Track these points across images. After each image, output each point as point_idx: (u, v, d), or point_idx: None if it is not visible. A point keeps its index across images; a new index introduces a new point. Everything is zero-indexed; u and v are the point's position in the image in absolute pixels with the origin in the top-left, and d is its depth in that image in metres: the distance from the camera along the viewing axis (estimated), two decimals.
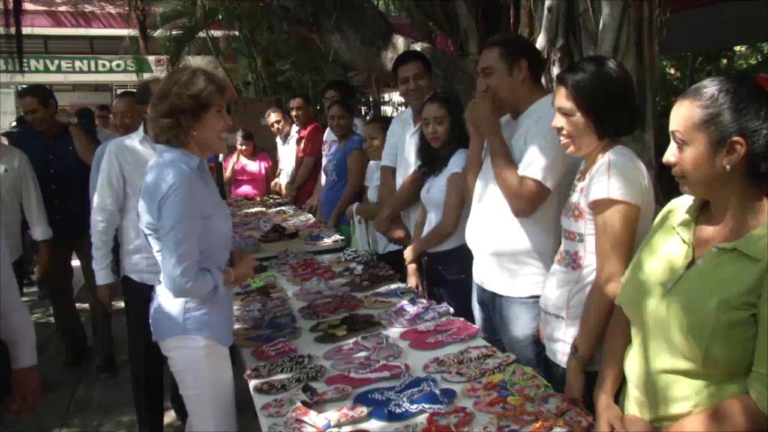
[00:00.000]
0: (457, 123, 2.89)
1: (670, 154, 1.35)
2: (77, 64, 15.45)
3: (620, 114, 1.85)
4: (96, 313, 4.31)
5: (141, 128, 3.07)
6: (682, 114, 1.31)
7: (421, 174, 3.07)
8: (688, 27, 5.51)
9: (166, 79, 2.02)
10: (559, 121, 1.89)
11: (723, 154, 1.27)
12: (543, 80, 3.21)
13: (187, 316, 2.06)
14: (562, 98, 1.86)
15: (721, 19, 6.04)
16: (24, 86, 5.60)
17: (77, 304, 4.65)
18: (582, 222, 1.89)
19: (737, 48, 13.13)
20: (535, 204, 2.17)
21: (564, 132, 1.89)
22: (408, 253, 3.03)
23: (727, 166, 1.27)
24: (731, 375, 1.27)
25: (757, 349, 1.22)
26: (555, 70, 3.26)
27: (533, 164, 2.14)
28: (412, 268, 3.02)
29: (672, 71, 13.30)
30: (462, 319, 2.42)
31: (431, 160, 2.99)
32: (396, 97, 14.35)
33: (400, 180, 3.33)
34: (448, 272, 2.84)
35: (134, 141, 3.05)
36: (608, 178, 1.76)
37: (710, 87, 1.30)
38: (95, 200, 3.03)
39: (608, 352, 1.61)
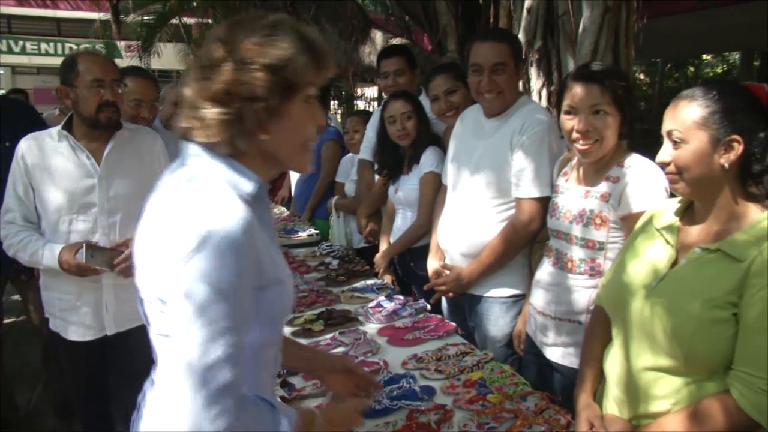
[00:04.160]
0: (424, 121, 2.90)
1: (665, 154, 1.37)
2: (43, 46, 15.03)
3: (634, 112, 1.84)
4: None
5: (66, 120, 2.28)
6: (680, 113, 1.35)
7: (386, 177, 3.07)
8: (659, 34, 5.65)
9: (218, 32, 1.11)
10: (590, 122, 1.81)
11: (721, 152, 1.31)
12: (520, 81, 3.27)
13: None
14: (596, 95, 1.80)
15: (690, 28, 6.20)
16: None
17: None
18: (605, 230, 1.85)
19: (704, 56, 13.48)
20: (545, 216, 2.14)
21: (595, 135, 1.81)
22: (379, 261, 3.02)
23: (726, 164, 1.31)
24: (711, 373, 1.30)
25: (738, 348, 1.25)
26: (533, 71, 3.30)
27: (531, 182, 2.15)
28: (385, 276, 3.00)
29: (642, 77, 13.59)
30: (439, 316, 2.43)
31: (394, 162, 2.99)
32: (369, 91, 14.35)
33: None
34: (420, 268, 2.85)
35: (52, 136, 2.23)
36: (648, 191, 1.75)
37: (707, 89, 1.34)
38: (2, 216, 2.25)
39: (588, 352, 1.63)
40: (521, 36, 3.30)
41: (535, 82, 3.28)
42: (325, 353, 1.52)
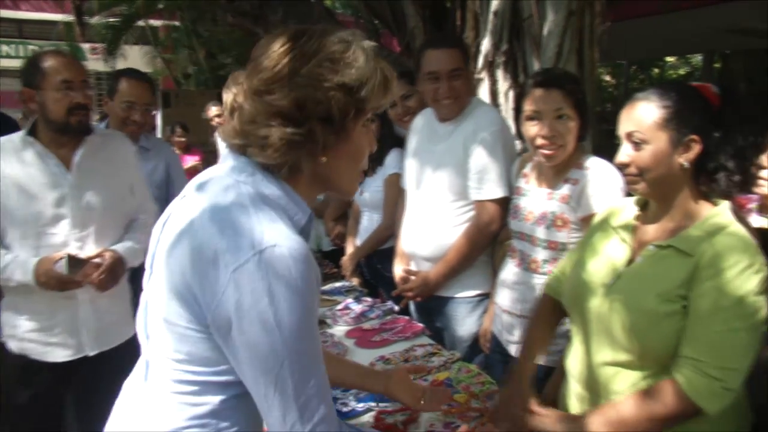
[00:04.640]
0: (387, 123, 2.91)
1: (624, 155, 1.39)
2: (4, 48, 14.65)
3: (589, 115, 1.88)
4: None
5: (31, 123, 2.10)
6: (640, 115, 1.36)
7: None
8: (624, 37, 5.75)
9: (283, 42, 1.01)
10: (554, 127, 1.83)
11: (680, 152, 1.34)
12: (487, 83, 3.31)
13: None
14: (558, 100, 1.83)
15: (654, 31, 6.34)
16: None
17: None
18: (566, 232, 1.89)
19: (668, 58, 13.77)
20: (505, 216, 2.16)
21: (559, 141, 1.84)
22: (346, 263, 3.02)
23: (685, 164, 1.34)
24: (664, 367, 1.32)
25: (686, 337, 1.28)
26: (499, 74, 3.33)
27: (490, 183, 2.18)
28: (352, 278, 3.01)
29: (608, 78, 13.81)
30: (407, 317, 2.44)
31: None
32: None
33: None
34: (387, 270, 2.86)
35: (14, 143, 2.03)
36: (606, 192, 1.79)
37: (663, 90, 1.36)
38: None
39: (532, 338, 1.67)
40: (488, 39, 3.32)
41: (502, 84, 3.31)
42: (377, 370, 1.60)
